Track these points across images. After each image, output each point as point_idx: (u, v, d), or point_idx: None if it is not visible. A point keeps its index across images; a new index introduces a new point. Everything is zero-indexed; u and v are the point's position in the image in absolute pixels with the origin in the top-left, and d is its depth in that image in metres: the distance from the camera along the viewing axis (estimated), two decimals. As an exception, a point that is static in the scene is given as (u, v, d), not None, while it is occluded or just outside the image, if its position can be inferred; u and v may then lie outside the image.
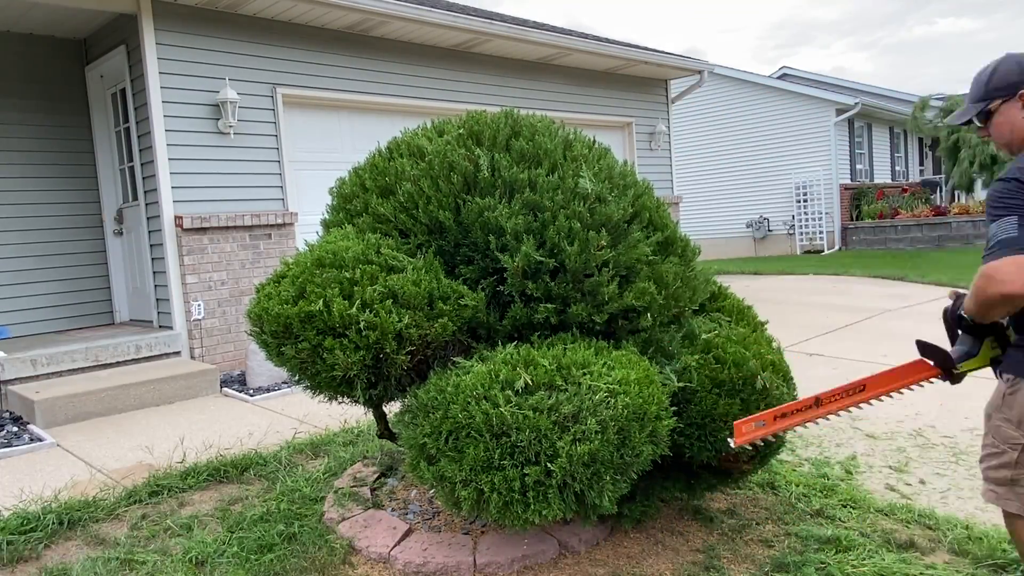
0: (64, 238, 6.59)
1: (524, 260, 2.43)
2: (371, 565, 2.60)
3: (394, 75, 7.42)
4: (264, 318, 2.44)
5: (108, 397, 4.88)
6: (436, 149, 2.73)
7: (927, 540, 2.64)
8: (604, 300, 2.47)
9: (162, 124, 5.82)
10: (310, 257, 2.51)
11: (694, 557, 2.58)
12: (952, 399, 4.42)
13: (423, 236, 2.66)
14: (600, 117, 9.70)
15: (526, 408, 2.12)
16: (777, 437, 2.71)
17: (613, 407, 2.14)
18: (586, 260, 2.45)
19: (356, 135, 7.22)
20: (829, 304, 8.44)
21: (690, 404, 2.56)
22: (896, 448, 3.68)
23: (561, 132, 2.89)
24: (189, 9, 5.96)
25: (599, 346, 2.46)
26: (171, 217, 5.85)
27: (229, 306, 6.15)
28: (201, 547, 2.73)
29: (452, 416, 2.17)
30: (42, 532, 2.91)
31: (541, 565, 2.55)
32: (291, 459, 3.74)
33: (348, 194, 2.93)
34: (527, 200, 2.55)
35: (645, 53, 9.55)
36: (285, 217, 6.46)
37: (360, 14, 6.59)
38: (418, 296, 2.38)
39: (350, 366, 2.31)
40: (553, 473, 2.07)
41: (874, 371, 2.30)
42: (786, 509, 2.93)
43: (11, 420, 4.80)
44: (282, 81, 6.55)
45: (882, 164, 18.64)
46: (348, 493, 3.11)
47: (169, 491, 3.37)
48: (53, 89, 6.54)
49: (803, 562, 2.47)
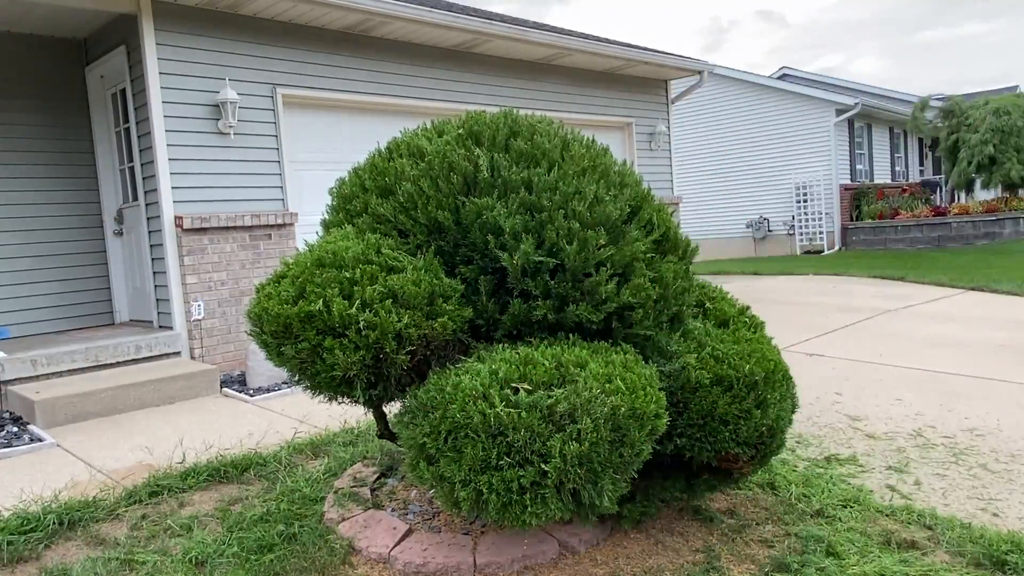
0: (64, 238, 6.59)
1: (523, 259, 2.43)
2: (371, 565, 2.60)
3: (394, 75, 7.42)
4: (264, 318, 2.44)
5: (108, 397, 4.88)
6: (435, 149, 2.73)
7: (927, 540, 2.64)
8: (602, 299, 2.47)
9: (162, 124, 5.82)
10: (310, 257, 2.51)
11: (694, 557, 2.58)
12: (952, 399, 4.42)
13: (423, 236, 2.66)
14: (600, 117, 9.70)
15: (522, 407, 2.12)
16: (777, 437, 2.71)
17: (610, 406, 2.14)
18: (585, 259, 2.45)
19: (356, 135, 7.22)
20: (829, 304, 8.44)
21: (689, 404, 2.56)
22: (896, 448, 3.68)
23: (560, 132, 2.89)
24: (189, 9, 5.96)
25: (596, 346, 2.46)
26: (171, 217, 5.85)
27: (229, 306, 6.16)
28: (201, 547, 2.74)
29: (451, 416, 2.17)
30: (42, 532, 2.91)
31: (541, 565, 2.55)
32: (291, 459, 3.74)
33: (348, 194, 2.93)
34: (525, 200, 2.55)
35: (645, 53, 9.55)
36: (285, 217, 6.47)
37: (360, 14, 6.59)
38: (418, 296, 2.38)
39: (350, 366, 2.31)
40: (548, 473, 2.07)
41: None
42: (786, 509, 2.93)
43: (11, 420, 4.80)
44: (282, 81, 6.55)
45: (882, 164, 18.65)
46: (348, 493, 3.11)
47: (169, 491, 3.37)
48: (53, 89, 6.54)
49: (803, 562, 2.47)
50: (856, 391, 4.68)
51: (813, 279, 11.23)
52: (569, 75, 9.24)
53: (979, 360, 5.35)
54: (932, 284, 9.55)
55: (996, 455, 3.51)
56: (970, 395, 4.52)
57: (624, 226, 2.60)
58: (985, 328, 6.49)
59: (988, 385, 4.71)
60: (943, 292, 8.95)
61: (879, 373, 4.93)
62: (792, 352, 5.80)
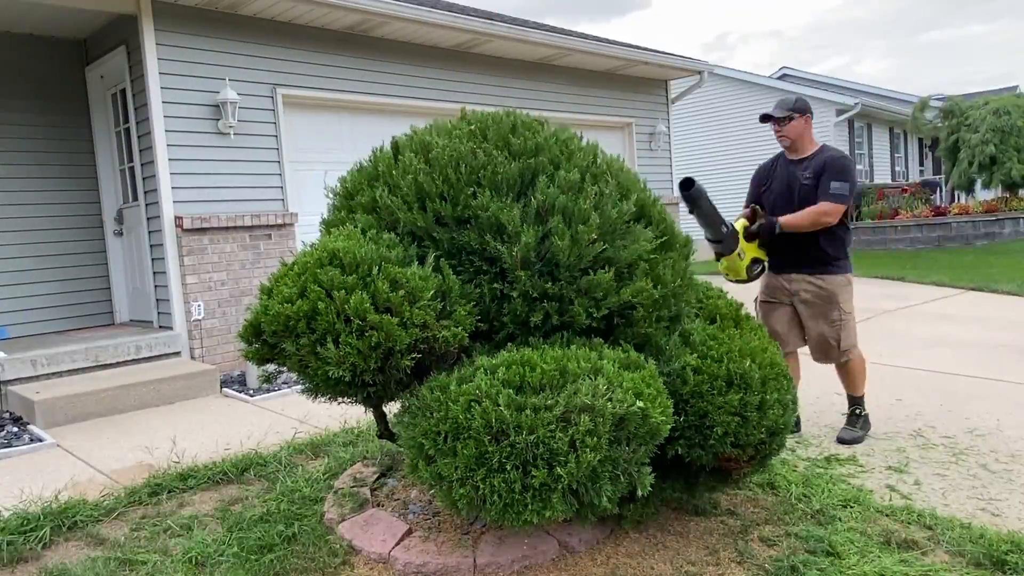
0: (64, 238, 6.59)
1: (524, 251, 2.42)
2: (371, 565, 2.60)
3: (394, 75, 7.42)
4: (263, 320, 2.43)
5: (108, 397, 4.88)
6: (443, 143, 2.73)
7: (927, 540, 2.64)
8: (601, 296, 2.47)
9: (162, 124, 5.82)
10: (311, 257, 2.50)
11: (694, 557, 2.58)
12: (952, 399, 4.42)
13: (426, 233, 2.65)
14: (600, 117, 9.70)
15: (526, 408, 2.12)
16: (777, 438, 2.71)
17: (614, 405, 2.14)
18: (580, 254, 2.45)
19: (356, 135, 7.22)
20: (829, 304, 8.42)
21: (688, 404, 2.55)
22: (896, 448, 3.68)
23: (560, 132, 2.90)
24: (189, 9, 5.96)
25: (597, 343, 2.46)
26: (171, 217, 5.85)
27: (229, 306, 6.16)
28: (201, 547, 2.74)
29: (452, 417, 2.17)
30: (42, 532, 2.91)
31: (541, 565, 2.55)
32: (291, 459, 3.74)
33: (350, 191, 2.92)
34: (527, 196, 2.55)
35: (645, 53, 9.56)
36: (285, 217, 6.47)
37: (360, 15, 6.59)
38: (424, 293, 2.36)
39: (351, 367, 2.30)
40: (561, 477, 2.06)
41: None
42: (786, 509, 2.93)
43: (11, 420, 4.80)
44: (282, 81, 6.55)
45: (882, 164, 18.65)
46: (348, 493, 3.11)
47: (169, 491, 3.37)
48: (53, 89, 6.54)
49: (803, 562, 2.47)
50: (856, 391, 4.66)
51: (813, 279, 11.20)
52: (569, 75, 9.24)
53: (979, 360, 5.35)
54: (932, 284, 9.55)
55: (996, 455, 3.51)
56: (970, 395, 4.52)
57: (628, 225, 2.60)
58: (985, 328, 6.49)
59: (988, 385, 4.70)
60: (943, 292, 8.95)
61: (879, 373, 4.93)
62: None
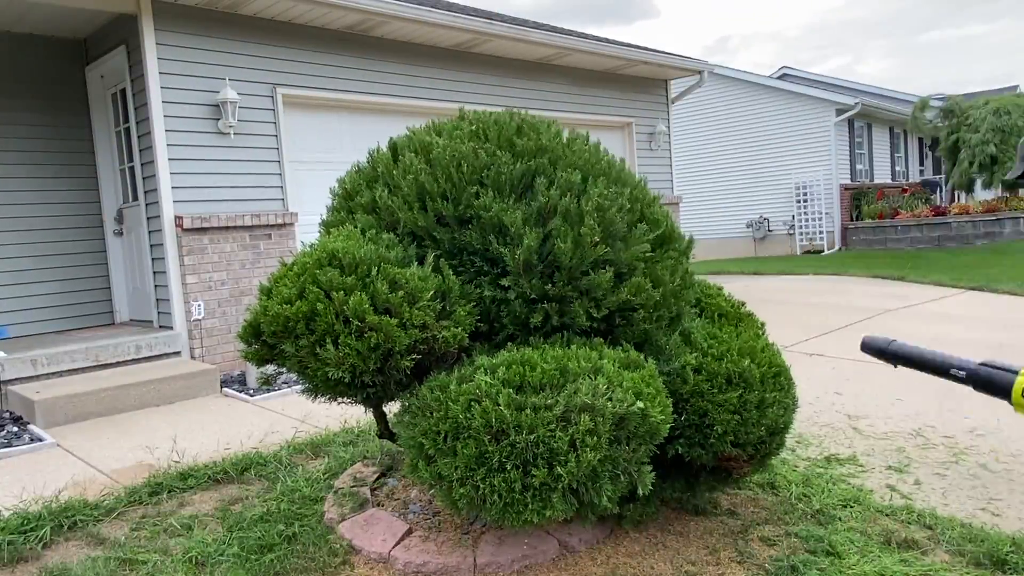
0: (64, 238, 6.59)
1: (526, 253, 2.42)
2: (371, 565, 2.60)
3: (394, 75, 7.42)
4: (262, 320, 2.43)
5: (108, 397, 4.88)
6: (444, 143, 2.73)
7: (927, 540, 2.64)
8: (600, 296, 2.47)
9: (162, 124, 5.82)
10: (310, 257, 2.50)
11: (694, 556, 2.58)
12: (952, 399, 4.42)
13: (426, 233, 2.65)
14: (600, 117, 9.70)
15: (527, 408, 2.12)
16: (776, 437, 2.71)
17: (614, 405, 2.14)
18: (581, 256, 2.45)
19: (356, 135, 7.22)
20: (829, 304, 8.44)
21: (688, 403, 2.55)
22: (896, 448, 3.68)
23: (563, 132, 2.90)
24: (189, 9, 5.96)
25: (597, 343, 2.46)
26: (171, 217, 5.85)
27: (229, 306, 6.15)
28: (201, 547, 2.74)
29: (452, 416, 2.17)
30: (42, 532, 2.91)
31: (541, 565, 2.55)
32: (291, 459, 3.74)
33: (350, 191, 2.93)
34: (529, 196, 2.55)
35: (645, 53, 9.55)
36: (285, 217, 6.47)
37: (360, 14, 6.59)
38: (423, 294, 2.37)
39: (350, 368, 2.30)
40: (562, 477, 2.06)
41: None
42: (786, 509, 2.93)
43: (11, 420, 4.80)
44: (282, 81, 6.55)
45: (882, 164, 18.64)
46: (348, 493, 3.11)
47: (169, 491, 3.37)
48: (53, 89, 6.54)
49: (804, 562, 2.47)
50: (856, 391, 4.67)
51: (813, 279, 11.23)
52: (569, 75, 9.24)
53: (980, 359, 5.34)
54: (932, 284, 9.55)
55: (996, 455, 3.51)
56: (970, 395, 4.50)
57: (626, 226, 2.60)
58: (985, 328, 6.49)
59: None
60: (943, 292, 8.95)
61: (879, 372, 4.93)
62: (792, 352, 5.79)
